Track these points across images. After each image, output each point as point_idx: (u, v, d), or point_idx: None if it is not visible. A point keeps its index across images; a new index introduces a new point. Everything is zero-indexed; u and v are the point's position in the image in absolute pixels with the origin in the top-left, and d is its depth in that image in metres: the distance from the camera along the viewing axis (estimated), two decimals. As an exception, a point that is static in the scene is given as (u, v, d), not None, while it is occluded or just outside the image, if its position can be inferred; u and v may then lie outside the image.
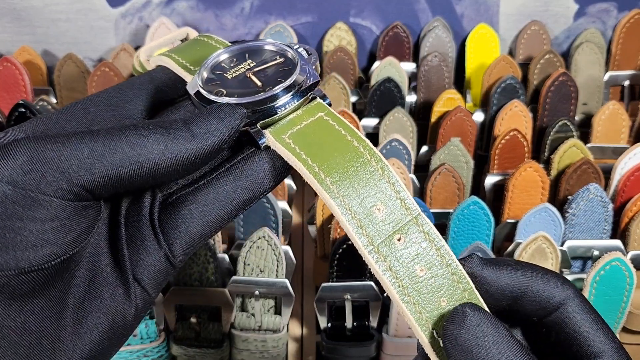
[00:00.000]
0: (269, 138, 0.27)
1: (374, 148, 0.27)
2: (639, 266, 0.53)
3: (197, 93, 0.28)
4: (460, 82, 0.74)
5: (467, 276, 0.26)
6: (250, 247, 0.51)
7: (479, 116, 0.68)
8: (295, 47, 0.30)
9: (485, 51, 0.73)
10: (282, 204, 0.57)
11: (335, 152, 0.26)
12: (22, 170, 0.24)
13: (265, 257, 0.51)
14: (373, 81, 0.68)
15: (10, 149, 0.24)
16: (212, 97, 0.27)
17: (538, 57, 0.69)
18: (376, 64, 0.71)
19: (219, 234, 0.54)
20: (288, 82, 0.27)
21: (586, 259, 0.57)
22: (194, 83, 0.28)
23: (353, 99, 0.69)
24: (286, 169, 0.28)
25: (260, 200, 0.28)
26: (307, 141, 0.27)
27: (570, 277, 0.54)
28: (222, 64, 0.29)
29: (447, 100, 0.66)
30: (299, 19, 0.74)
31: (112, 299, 0.27)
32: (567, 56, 0.73)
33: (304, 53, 0.30)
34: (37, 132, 0.27)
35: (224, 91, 0.28)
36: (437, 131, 0.63)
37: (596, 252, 0.55)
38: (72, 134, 0.24)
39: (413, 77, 0.72)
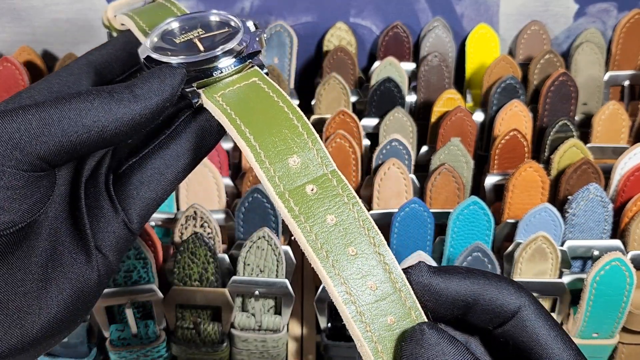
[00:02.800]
0: (202, 97, 0.29)
1: (297, 108, 0.28)
2: (639, 266, 0.53)
3: (147, 57, 0.30)
4: (460, 82, 0.74)
5: (374, 226, 0.26)
6: (250, 247, 0.51)
7: (479, 116, 0.68)
8: (244, 20, 0.32)
9: (485, 51, 0.73)
10: (282, 204, 0.57)
11: (260, 109, 0.28)
12: None
13: (265, 257, 0.51)
14: (373, 81, 0.68)
15: None
16: (155, 55, 0.29)
17: (538, 57, 0.69)
18: (376, 64, 0.71)
19: (219, 233, 0.54)
20: (227, 47, 0.29)
21: (586, 259, 0.57)
22: (143, 47, 0.30)
23: (353, 99, 0.69)
24: (223, 127, 0.30)
25: (205, 157, 0.32)
26: (236, 100, 0.28)
27: (570, 277, 0.54)
28: (174, 31, 0.31)
29: (447, 100, 0.66)
30: (299, 19, 0.74)
31: (74, 266, 0.28)
32: (567, 56, 0.73)
33: (251, 26, 0.31)
34: None
35: (169, 53, 0.30)
36: (437, 131, 0.63)
37: (596, 252, 0.55)
38: (19, 108, 0.26)
39: (413, 77, 0.72)
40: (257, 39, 0.31)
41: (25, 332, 0.27)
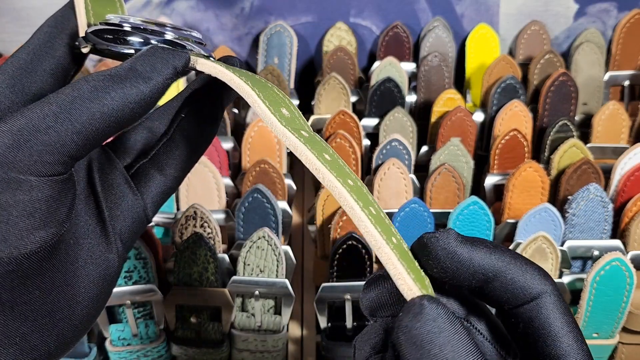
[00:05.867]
0: (193, 58, 0.29)
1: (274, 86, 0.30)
2: (639, 266, 0.53)
3: (99, 30, 0.30)
4: (460, 82, 0.74)
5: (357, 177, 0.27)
6: (250, 247, 0.51)
7: (479, 116, 0.68)
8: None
9: (485, 51, 0.73)
10: (282, 204, 0.57)
11: (244, 72, 0.29)
12: (8, 152, 0.25)
13: (265, 257, 0.51)
14: (373, 81, 0.68)
15: None
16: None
17: (538, 57, 0.69)
18: (376, 64, 0.71)
19: (219, 233, 0.54)
20: (183, 28, 0.31)
21: (586, 259, 0.57)
22: (94, 27, 0.31)
23: (353, 99, 0.69)
24: (211, 127, 0.33)
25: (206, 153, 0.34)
26: (220, 63, 0.29)
27: (570, 277, 0.54)
28: (134, 21, 0.32)
29: (447, 100, 0.66)
30: (299, 19, 0.74)
31: (100, 254, 0.30)
32: (567, 56, 0.73)
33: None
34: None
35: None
36: (437, 131, 0.63)
37: (596, 252, 0.55)
38: (33, 107, 0.26)
39: (413, 77, 0.72)
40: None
41: (71, 325, 0.29)
